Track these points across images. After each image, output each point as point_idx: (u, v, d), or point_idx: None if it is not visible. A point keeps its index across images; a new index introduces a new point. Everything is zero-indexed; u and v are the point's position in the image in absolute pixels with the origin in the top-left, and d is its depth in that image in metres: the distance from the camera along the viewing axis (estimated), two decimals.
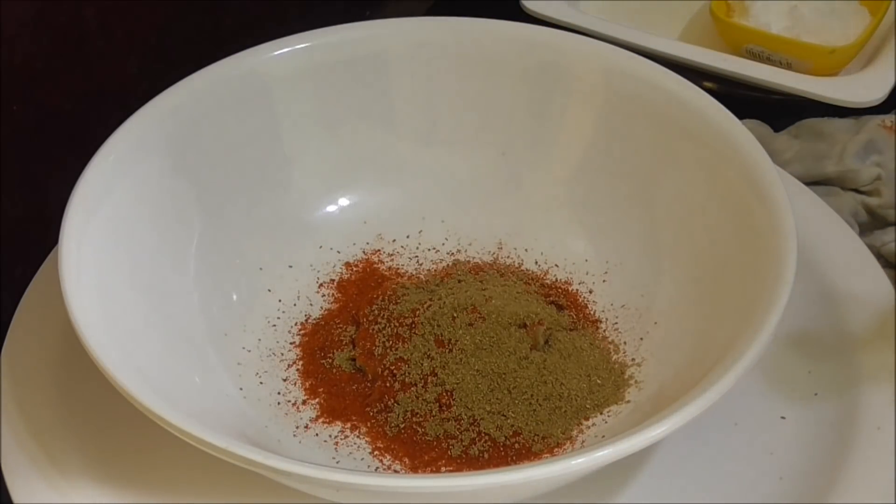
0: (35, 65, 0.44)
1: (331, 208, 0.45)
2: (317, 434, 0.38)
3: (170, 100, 0.41)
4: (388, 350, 0.39)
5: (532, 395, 0.37)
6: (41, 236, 0.41)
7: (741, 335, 0.33)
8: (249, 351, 0.40)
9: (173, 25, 0.51)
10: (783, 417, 0.38)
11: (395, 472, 0.36)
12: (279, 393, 0.39)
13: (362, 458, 0.37)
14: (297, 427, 0.38)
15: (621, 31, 0.56)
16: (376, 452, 0.37)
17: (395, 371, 0.38)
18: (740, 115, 0.41)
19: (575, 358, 0.39)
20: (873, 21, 0.56)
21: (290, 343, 0.41)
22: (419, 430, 0.37)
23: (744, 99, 0.54)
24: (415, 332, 0.39)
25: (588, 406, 0.38)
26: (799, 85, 0.53)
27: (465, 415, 0.37)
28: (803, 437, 0.37)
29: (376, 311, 0.40)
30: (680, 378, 0.36)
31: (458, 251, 0.45)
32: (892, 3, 0.58)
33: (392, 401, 0.38)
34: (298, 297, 0.43)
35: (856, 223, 0.48)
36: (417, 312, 0.39)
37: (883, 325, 0.39)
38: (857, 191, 0.50)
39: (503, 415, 0.37)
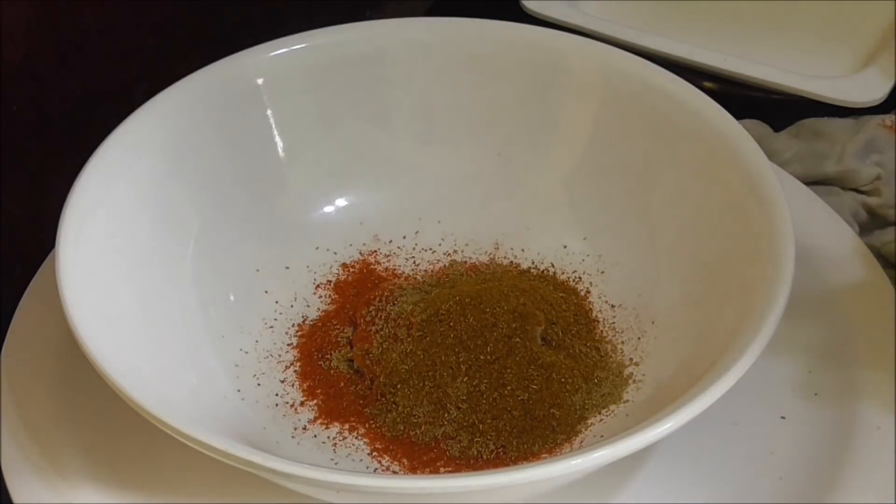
0: (35, 65, 0.44)
1: (327, 209, 0.45)
2: (315, 435, 0.38)
3: (168, 100, 0.41)
4: (386, 351, 0.39)
5: (530, 395, 0.37)
6: (41, 236, 0.41)
7: (740, 334, 0.33)
8: (247, 353, 0.40)
9: (173, 26, 0.51)
10: (783, 417, 0.38)
11: (394, 472, 0.36)
12: (277, 394, 0.39)
13: (361, 460, 0.37)
14: (296, 428, 0.38)
15: (621, 31, 0.56)
16: (375, 453, 0.37)
17: (392, 372, 0.38)
18: (740, 115, 0.41)
19: (573, 358, 0.39)
20: None
21: (288, 344, 0.41)
22: (418, 430, 0.37)
23: (744, 99, 0.54)
24: (412, 333, 0.39)
25: (587, 406, 0.38)
26: (799, 85, 0.53)
27: (464, 415, 0.37)
28: (803, 437, 0.37)
29: (373, 312, 0.40)
30: (679, 378, 0.36)
31: (455, 252, 0.45)
32: (893, 2, 0.58)
33: (390, 401, 0.38)
34: (295, 298, 0.43)
35: (856, 223, 0.48)
36: (414, 313, 0.39)
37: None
38: (857, 191, 0.50)
39: (501, 415, 0.37)
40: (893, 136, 0.51)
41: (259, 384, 0.40)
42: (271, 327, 0.42)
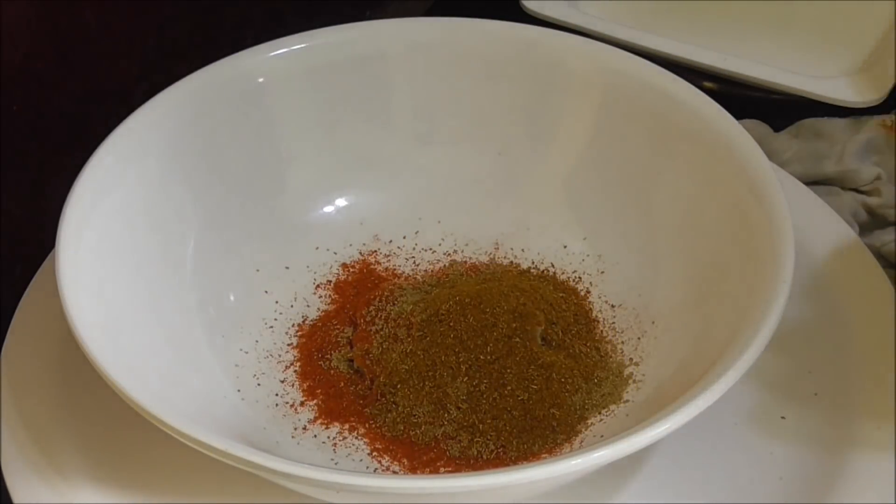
0: (35, 65, 0.44)
1: (327, 209, 0.45)
2: (315, 435, 0.38)
3: (168, 100, 0.41)
4: (386, 351, 0.39)
5: (530, 395, 0.37)
6: (41, 236, 0.41)
7: (740, 334, 0.33)
8: (247, 353, 0.40)
9: (173, 25, 0.51)
10: (783, 417, 0.38)
11: (394, 472, 0.36)
12: (277, 394, 0.39)
13: (361, 460, 0.37)
14: (296, 428, 0.38)
15: (621, 31, 0.56)
16: (375, 453, 0.37)
17: (392, 372, 0.38)
18: (740, 115, 0.41)
19: (573, 358, 0.39)
20: None
21: (288, 344, 0.41)
22: (418, 430, 0.37)
23: (744, 99, 0.54)
24: (412, 333, 0.39)
25: (587, 406, 0.38)
26: (799, 85, 0.53)
27: (464, 415, 0.37)
28: (803, 437, 0.37)
29: (373, 312, 0.40)
30: (679, 377, 0.36)
31: (455, 252, 0.45)
32: (894, 2, 0.58)
33: (390, 401, 0.38)
34: (295, 298, 0.43)
35: (856, 223, 0.48)
36: (414, 313, 0.39)
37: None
38: (857, 190, 0.50)
39: (501, 415, 0.37)
40: (893, 136, 0.51)
41: (259, 384, 0.40)
42: (271, 327, 0.42)
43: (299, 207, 0.45)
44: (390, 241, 0.45)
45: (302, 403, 0.39)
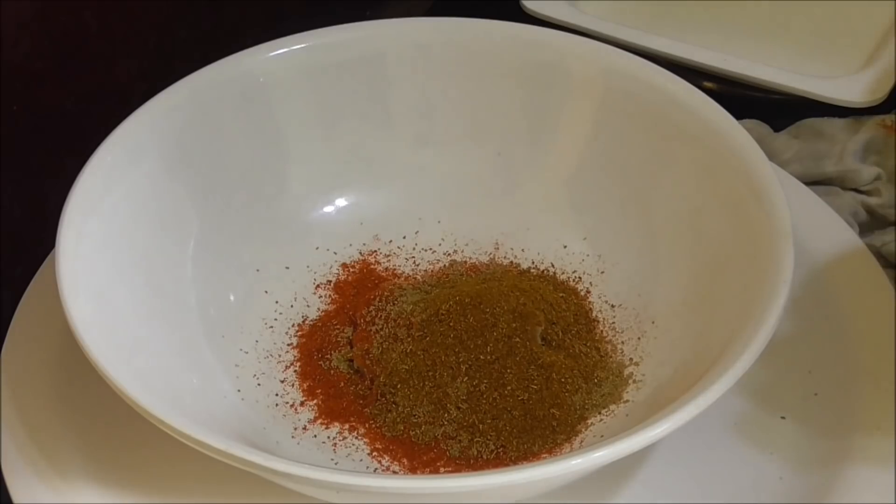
0: (35, 65, 0.44)
1: (327, 209, 0.45)
2: (315, 435, 0.38)
3: (168, 100, 0.41)
4: (386, 351, 0.39)
5: (530, 395, 0.37)
6: (41, 236, 0.41)
7: (740, 334, 0.33)
8: (247, 352, 0.40)
9: (173, 25, 0.51)
10: (783, 417, 0.38)
11: (394, 472, 0.36)
12: (277, 394, 0.39)
13: (361, 460, 0.37)
14: (296, 428, 0.38)
15: (621, 31, 0.56)
16: (375, 453, 0.37)
17: (392, 372, 0.38)
18: (740, 115, 0.41)
19: (573, 358, 0.39)
20: None
21: (288, 344, 0.41)
22: (418, 430, 0.37)
23: (744, 99, 0.54)
24: (412, 333, 0.39)
25: (587, 406, 0.38)
26: (799, 85, 0.53)
27: (464, 415, 0.37)
28: (803, 437, 0.37)
29: (373, 312, 0.40)
30: (678, 377, 0.36)
31: (455, 252, 0.45)
32: (894, 2, 0.58)
33: (390, 401, 0.38)
34: (295, 298, 0.43)
35: (856, 223, 0.48)
36: (414, 313, 0.39)
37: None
38: (856, 190, 0.50)
39: (501, 415, 0.37)
40: (893, 136, 0.51)
41: (259, 384, 0.40)
42: (271, 327, 0.42)
43: (299, 207, 0.45)
44: (390, 241, 0.45)
45: (302, 403, 0.39)
